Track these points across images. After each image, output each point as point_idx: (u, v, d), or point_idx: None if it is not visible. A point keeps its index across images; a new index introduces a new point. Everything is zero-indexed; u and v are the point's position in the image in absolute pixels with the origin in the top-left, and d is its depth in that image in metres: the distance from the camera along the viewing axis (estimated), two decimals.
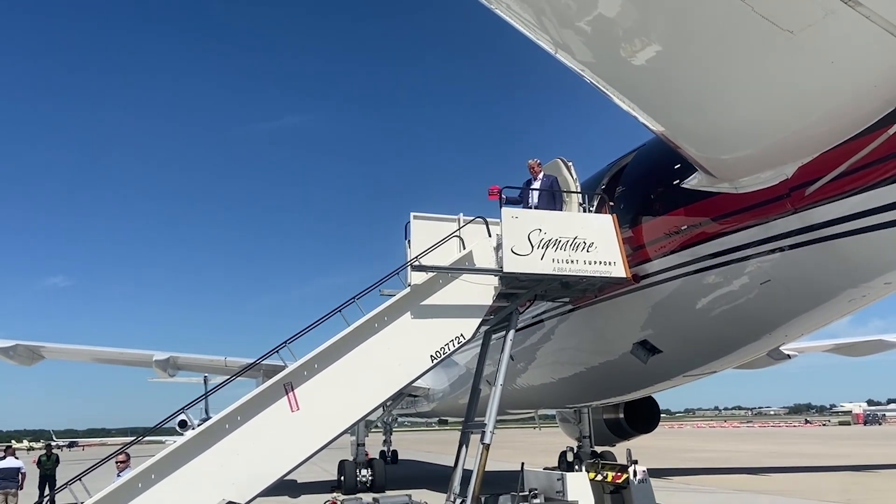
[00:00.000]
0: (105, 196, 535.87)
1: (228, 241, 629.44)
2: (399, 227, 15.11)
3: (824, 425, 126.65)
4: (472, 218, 14.21)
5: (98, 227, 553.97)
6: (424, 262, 13.08)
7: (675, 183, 12.57)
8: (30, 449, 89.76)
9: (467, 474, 13.31)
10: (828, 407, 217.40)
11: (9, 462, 21.89)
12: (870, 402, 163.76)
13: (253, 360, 14.45)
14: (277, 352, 12.54)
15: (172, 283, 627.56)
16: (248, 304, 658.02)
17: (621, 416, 24.07)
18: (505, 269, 12.95)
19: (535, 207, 14.64)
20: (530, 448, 53.59)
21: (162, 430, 16.91)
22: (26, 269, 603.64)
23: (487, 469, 12.79)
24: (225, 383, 14.70)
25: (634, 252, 13.63)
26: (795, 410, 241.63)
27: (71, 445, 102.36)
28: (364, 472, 27.61)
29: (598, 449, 25.29)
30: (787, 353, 27.45)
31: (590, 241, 13.21)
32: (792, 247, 10.86)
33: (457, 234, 14.05)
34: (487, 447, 12.89)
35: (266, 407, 11.86)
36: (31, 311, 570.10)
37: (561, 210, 14.61)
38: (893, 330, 33.94)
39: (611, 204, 14.52)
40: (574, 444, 26.07)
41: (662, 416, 25.46)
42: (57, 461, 26.83)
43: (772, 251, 11.16)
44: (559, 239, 13.07)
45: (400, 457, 45.60)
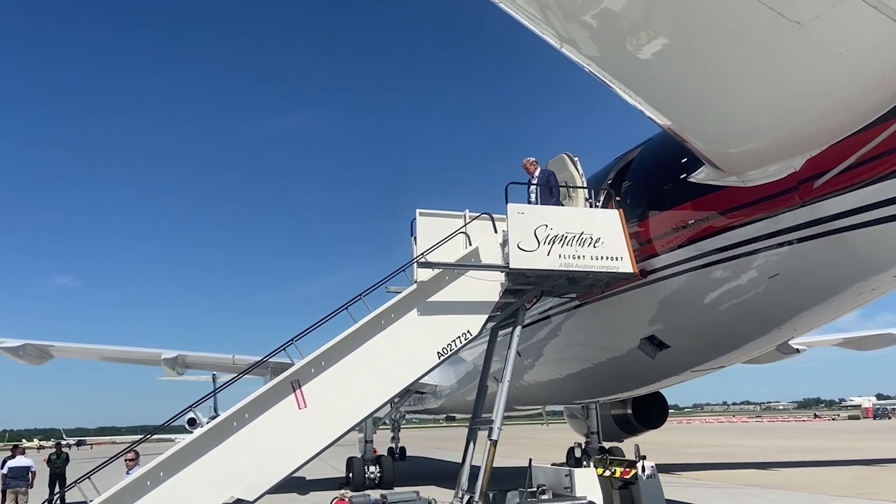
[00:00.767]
0: (111, 195, 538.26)
1: (235, 239, 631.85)
2: (405, 224, 15.13)
3: (833, 419, 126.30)
4: (477, 214, 14.20)
5: (105, 226, 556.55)
6: (430, 258, 13.07)
7: (681, 177, 12.50)
8: (40, 448, 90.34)
9: (475, 470, 13.30)
10: (837, 401, 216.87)
11: (19, 461, 22.04)
12: (879, 396, 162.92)
13: (260, 358, 14.49)
14: (284, 349, 12.55)
15: (180, 281, 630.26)
16: (255, 301, 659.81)
17: (629, 411, 24.04)
18: (511, 266, 12.91)
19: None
20: (538, 444, 53.61)
21: (171, 427, 16.98)
22: (35, 269, 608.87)
23: (495, 465, 12.77)
24: (233, 381, 14.72)
25: (641, 247, 13.56)
26: (804, 405, 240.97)
27: (79, 444, 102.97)
28: (372, 468, 27.70)
29: (607, 445, 25.30)
30: (797, 347, 27.38)
31: (596, 237, 13.16)
32: (800, 240, 10.77)
33: (463, 230, 14.04)
34: (495, 443, 12.86)
35: (274, 404, 11.88)
36: (39, 311, 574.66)
37: (560, 204, 14.54)
38: None
39: (617, 199, 14.45)
40: (582, 439, 26.05)
41: (670, 411, 25.41)
42: (67, 460, 26.98)
43: (780, 245, 11.08)
44: (565, 234, 13.02)
45: (408, 453, 45.71)
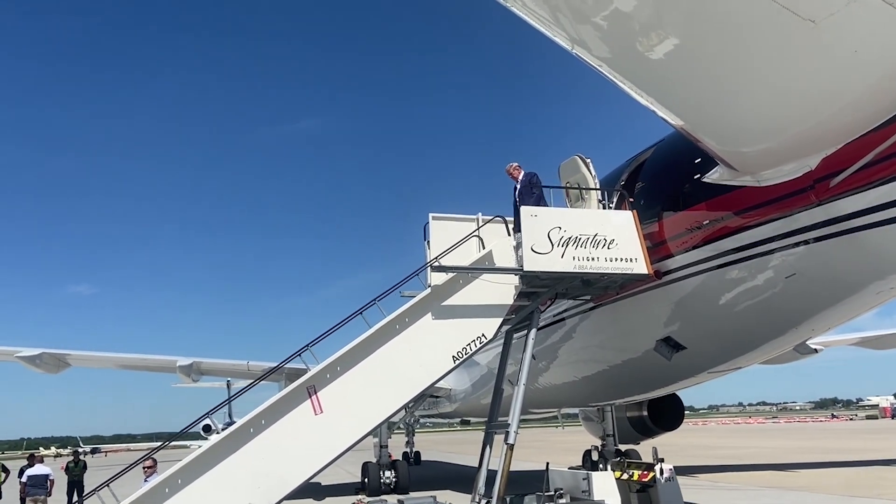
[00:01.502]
0: (125, 204, 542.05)
1: (247, 246, 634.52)
2: (418, 228, 15.13)
3: (851, 419, 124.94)
4: (490, 217, 14.19)
5: (119, 235, 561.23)
6: (444, 262, 13.06)
7: (695, 177, 12.44)
8: (56, 455, 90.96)
9: (491, 474, 13.26)
10: (854, 401, 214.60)
11: (38, 469, 22.25)
12: None
13: (275, 364, 14.51)
14: (300, 355, 12.54)
15: (194, 288, 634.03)
16: (269, 308, 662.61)
17: (645, 413, 23.86)
18: (525, 268, 12.87)
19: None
20: (553, 447, 53.39)
21: (187, 434, 17.03)
22: (51, 278, 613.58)
23: (511, 469, 12.73)
24: (248, 387, 14.75)
25: (656, 248, 13.50)
26: (821, 405, 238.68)
27: (93, 452, 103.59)
28: (388, 473, 27.65)
29: (623, 447, 25.13)
30: (814, 347, 27.15)
31: (610, 238, 13.10)
32: (817, 239, 10.69)
33: (476, 233, 14.03)
34: (511, 447, 12.82)
35: (290, 410, 11.90)
36: (56, 320, 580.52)
37: (545, 203, 14.40)
38: None
39: (630, 200, 14.39)
40: (598, 442, 25.91)
41: (686, 412, 25.21)
42: (84, 467, 27.15)
43: (796, 244, 11.00)
44: (579, 236, 12.97)
45: (423, 458, 45.65)
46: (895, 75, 8.55)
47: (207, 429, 46.94)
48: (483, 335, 13.00)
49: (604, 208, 14.71)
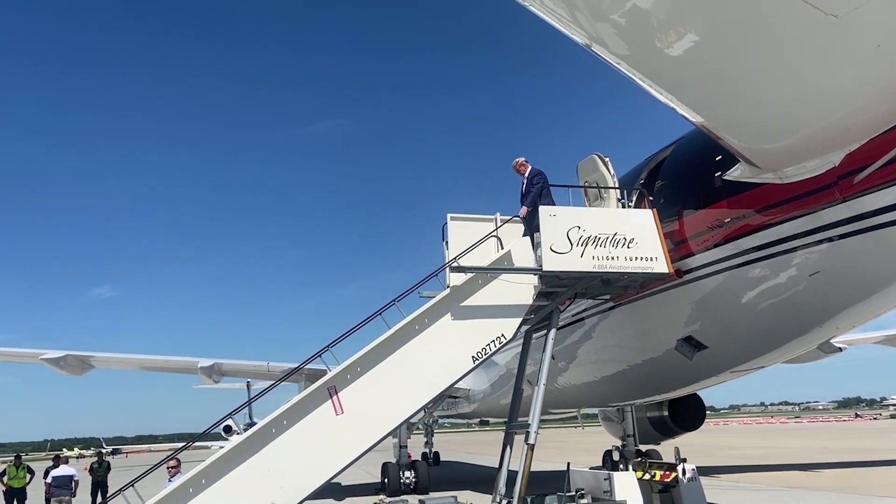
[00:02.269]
0: (145, 207, 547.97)
1: (267, 248, 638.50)
2: (436, 229, 15.14)
3: (875, 419, 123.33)
4: (509, 217, 14.16)
5: (139, 237, 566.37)
6: (463, 262, 13.06)
7: (716, 175, 12.32)
8: (80, 456, 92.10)
9: (512, 475, 13.23)
10: (878, 400, 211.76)
11: (62, 470, 22.57)
12: None
13: (296, 365, 14.59)
14: (320, 356, 12.60)
15: (214, 290, 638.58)
16: (288, 309, 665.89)
17: (665, 413, 23.69)
18: (544, 268, 12.83)
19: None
20: (573, 448, 53.20)
21: (208, 435, 17.19)
22: (73, 281, 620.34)
23: (532, 469, 12.69)
24: (269, 389, 14.83)
25: (676, 247, 13.40)
26: (845, 404, 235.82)
27: (114, 453, 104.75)
28: (407, 473, 27.67)
29: (643, 447, 24.99)
30: (838, 345, 26.81)
31: (630, 237, 13.03)
32: (841, 237, 10.56)
33: (494, 233, 14.02)
34: (532, 447, 12.79)
35: (311, 411, 11.96)
36: (78, 322, 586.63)
37: (552, 203, 14.27)
38: None
39: (650, 198, 14.31)
40: (618, 443, 25.79)
41: (707, 413, 25.00)
42: (108, 468, 27.50)
43: (820, 242, 10.88)
44: (598, 235, 12.91)
45: (442, 458, 45.68)
46: None
47: (228, 430, 47.36)
48: (502, 335, 12.98)
49: (623, 207, 14.64)
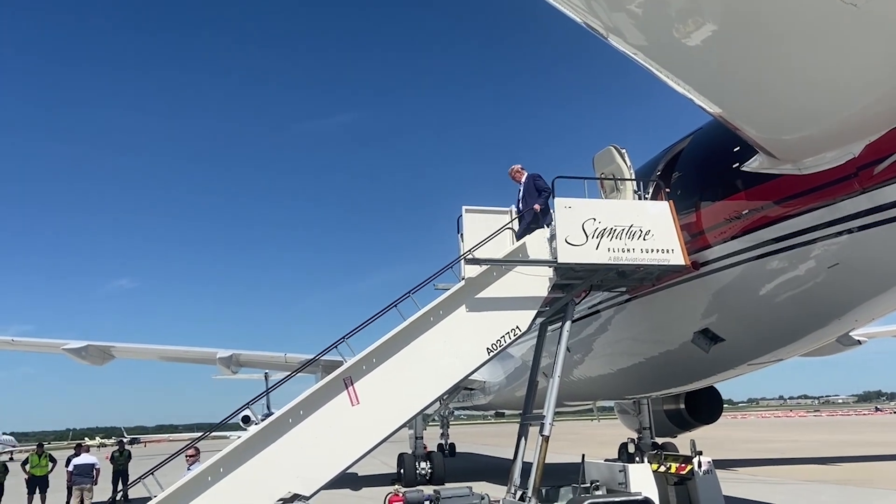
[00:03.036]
0: (164, 198, 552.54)
1: (283, 240, 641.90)
2: (451, 221, 15.15)
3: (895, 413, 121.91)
4: (524, 210, 14.12)
5: (159, 229, 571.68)
6: (478, 254, 13.05)
7: (734, 166, 12.20)
8: (101, 445, 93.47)
9: (527, 466, 13.25)
10: None
11: (84, 458, 22.96)
12: None
13: (312, 356, 14.70)
14: (336, 347, 12.68)
15: (232, 281, 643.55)
16: (305, 300, 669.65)
17: (682, 406, 23.58)
18: (559, 260, 12.79)
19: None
20: (589, 440, 53.14)
21: (226, 425, 17.42)
22: (94, 273, 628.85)
23: (547, 461, 12.71)
24: (286, 379, 15.00)
25: (693, 239, 13.30)
26: (865, 398, 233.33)
27: (132, 442, 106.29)
28: (423, 464, 27.86)
29: (659, 440, 24.90)
30: (857, 338, 26.52)
31: (646, 229, 12.95)
32: (861, 228, 10.43)
33: (509, 226, 14.00)
34: (547, 439, 12.79)
35: (327, 402, 12.04)
36: (99, 313, 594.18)
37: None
38: None
39: (667, 190, 14.21)
40: (634, 435, 25.72)
41: (724, 406, 24.84)
42: (129, 457, 27.92)
43: (839, 233, 10.75)
44: (614, 227, 12.84)
45: (457, 449, 45.83)
46: None
47: (246, 419, 47.81)
48: (517, 327, 12.97)
49: (639, 199, 14.56)
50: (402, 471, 27.88)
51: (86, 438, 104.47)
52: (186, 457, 13.72)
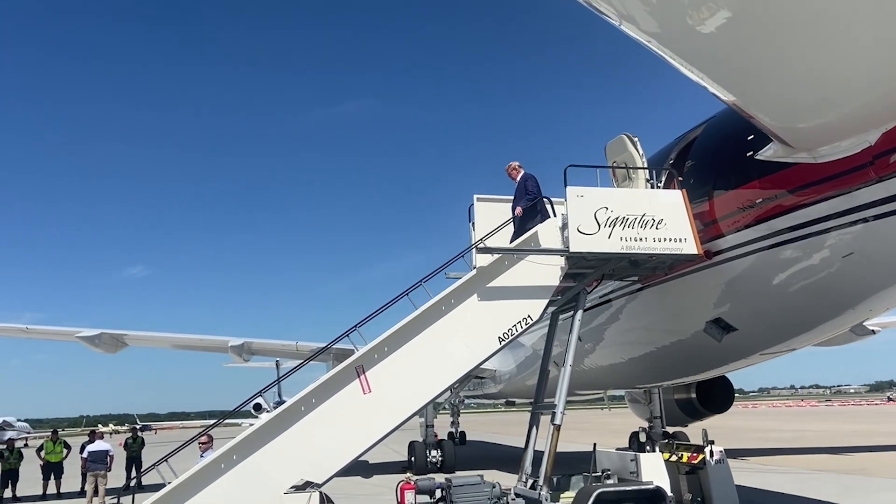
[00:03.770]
0: (176, 188, 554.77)
1: (295, 229, 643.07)
2: (462, 209, 15.14)
3: None
4: (536, 198, 14.07)
5: (172, 218, 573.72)
6: (489, 243, 13.06)
7: (748, 155, 12.09)
8: (113, 432, 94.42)
9: (538, 455, 13.29)
10: None
11: (98, 445, 23.20)
12: None
13: (324, 345, 14.76)
14: (348, 336, 12.74)
15: (244, 270, 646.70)
16: (316, 289, 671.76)
17: (693, 395, 23.54)
18: (571, 249, 12.77)
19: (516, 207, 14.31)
20: (600, 429, 53.21)
21: (238, 413, 17.57)
22: (107, 261, 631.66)
23: (558, 450, 12.74)
24: (297, 367, 15.08)
25: (706, 228, 13.23)
26: (877, 388, 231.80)
27: (143, 429, 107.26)
28: (434, 452, 27.99)
29: (670, 429, 24.89)
30: (871, 328, 26.36)
31: (659, 218, 12.89)
32: (876, 217, 10.31)
33: (521, 214, 13.96)
34: (558, 428, 12.82)
35: (339, 390, 12.11)
36: (112, 301, 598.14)
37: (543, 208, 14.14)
38: None
39: (680, 179, 14.12)
40: (645, 424, 25.70)
41: (736, 395, 24.78)
42: (142, 444, 28.24)
43: (854, 223, 10.64)
44: (627, 216, 12.79)
45: (468, 438, 46.00)
46: None
47: (258, 407, 48.16)
48: (529, 316, 12.96)
49: (652, 188, 14.48)
50: (412, 459, 28.03)
51: (99, 425, 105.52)
52: (199, 444, 13.86)
